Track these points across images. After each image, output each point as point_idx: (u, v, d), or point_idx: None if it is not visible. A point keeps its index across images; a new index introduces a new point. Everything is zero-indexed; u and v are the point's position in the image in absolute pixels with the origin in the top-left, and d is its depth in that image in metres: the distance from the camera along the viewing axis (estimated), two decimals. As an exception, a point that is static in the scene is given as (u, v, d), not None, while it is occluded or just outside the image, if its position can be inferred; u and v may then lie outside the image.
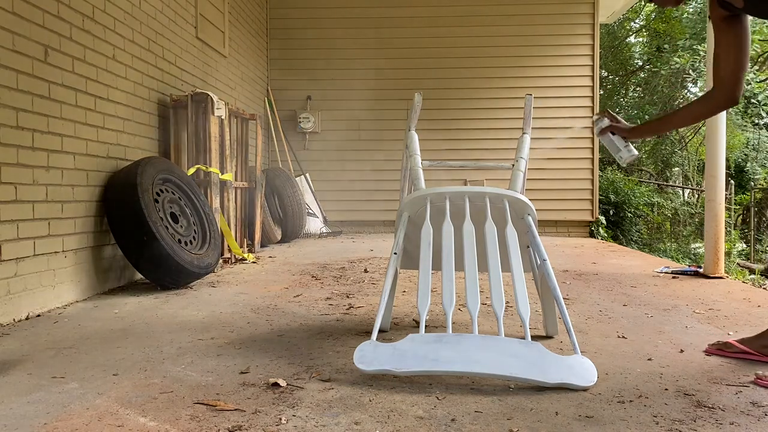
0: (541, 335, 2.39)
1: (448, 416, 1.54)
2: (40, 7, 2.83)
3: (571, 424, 1.49)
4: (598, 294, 3.33)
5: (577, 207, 7.38)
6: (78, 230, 3.15)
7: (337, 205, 7.40)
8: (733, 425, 1.50)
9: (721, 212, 4.02)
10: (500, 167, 2.70)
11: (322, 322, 2.61)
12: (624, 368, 1.95)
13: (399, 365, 1.77)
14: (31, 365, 1.99)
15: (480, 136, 7.36)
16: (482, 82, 7.35)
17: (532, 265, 2.35)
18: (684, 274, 4.10)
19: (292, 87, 7.46)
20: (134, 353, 2.13)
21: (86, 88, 3.22)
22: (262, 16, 7.22)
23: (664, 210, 11.37)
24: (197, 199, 3.81)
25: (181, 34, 4.56)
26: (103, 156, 3.40)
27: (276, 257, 4.94)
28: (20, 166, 2.70)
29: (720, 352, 2.10)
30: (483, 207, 2.15)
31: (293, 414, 1.56)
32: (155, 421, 1.51)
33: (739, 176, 12.69)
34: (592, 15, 7.35)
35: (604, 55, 13.26)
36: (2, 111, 2.58)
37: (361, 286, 3.56)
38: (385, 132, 7.35)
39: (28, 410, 1.60)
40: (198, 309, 2.89)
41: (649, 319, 2.69)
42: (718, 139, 3.94)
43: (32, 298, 2.77)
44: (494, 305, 1.89)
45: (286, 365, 1.97)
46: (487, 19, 7.37)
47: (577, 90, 7.36)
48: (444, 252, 2.03)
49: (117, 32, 3.55)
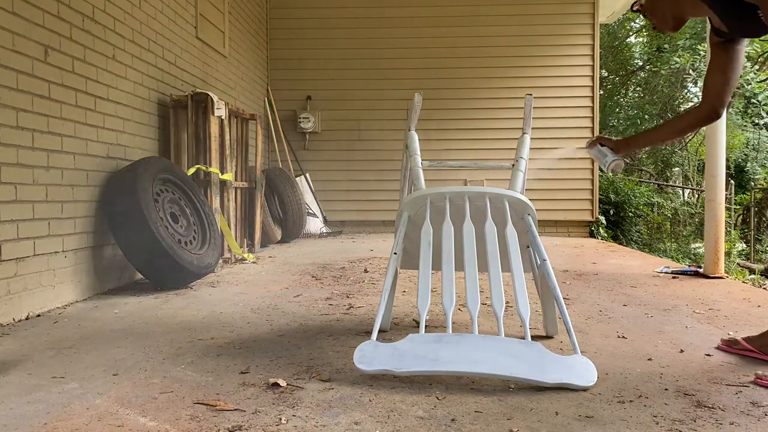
0: (541, 335, 2.39)
1: (448, 416, 1.54)
2: (40, 7, 2.83)
3: (571, 424, 1.49)
4: (598, 294, 3.33)
5: (577, 207, 7.38)
6: (78, 230, 3.15)
7: (337, 205, 7.40)
8: (733, 425, 1.50)
9: (721, 212, 4.02)
10: (500, 167, 2.70)
11: (322, 322, 2.61)
12: (624, 368, 1.95)
13: (399, 365, 1.77)
14: (31, 365, 1.99)
15: (480, 136, 7.36)
16: (482, 82, 7.35)
17: (532, 265, 2.35)
18: (684, 274, 4.10)
19: (292, 87, 7.46)
20: (134, 353, 2.13)
21: (86, 88, 3.22)
22: (262, 16, 7.22)
23: (664, 210, 11.37)
24: (197, 199, 3.81)
25: (181, 34, 4.56)
26: (103, 156, 3.40)
27: (276, 257, 4.94)
28: (20, 166, 2.70)
29: (727, 347, 2.16)
30: (483, 207, 2.15)
31: (293, 414, 1.56)
32: (155, 421, 1.51)
33: (739, 176, 12.69)
34: (592, 15, 7.35)
35: (604, 55, 13.26)
36: (2, 111, 2.58)
37: (361, 286, 3.56)
38: (385, 132, 7.35)
39: (28, 410, 1.60)
40: (198, 309, 2.89)
41: (649, 319, 2.69)
42: (718, 139, 3.94)
43: (32, 298, 2.77)
44: (494, 305, 1.89)
45: (286, 365, 1.97)
46: (487, 19, 7.38)
47: (577, 90, 7.36)
48: (444, 252, 2.03)
49: (117, 32, 3.55)
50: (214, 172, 4.26)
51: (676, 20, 2.04)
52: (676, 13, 2.03)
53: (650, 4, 2.06)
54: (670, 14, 2.04)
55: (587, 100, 7.36)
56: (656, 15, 2.07)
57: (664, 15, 2.05)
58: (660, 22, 2.08)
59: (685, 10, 2.00)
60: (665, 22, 2.06)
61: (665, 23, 2.06)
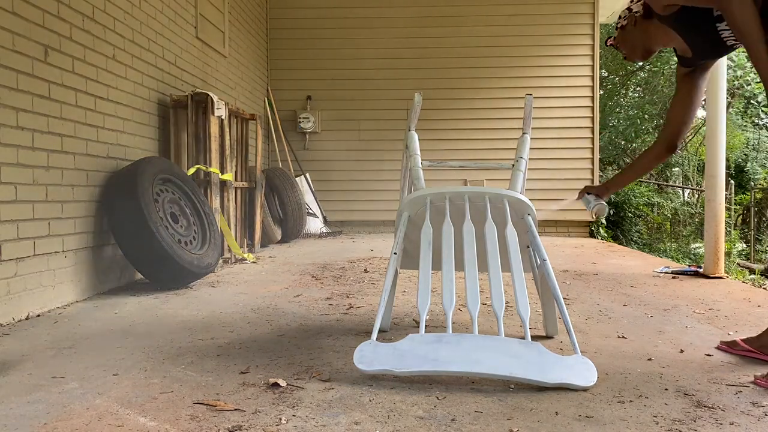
0: (541, 335, 2.39)
1: (448, 416, 1.54)
2: (40, 7, 2.83)
3: (571, 424, 1.49)
4: (598, 294, 3.33)
5: (577, 207, 7.37)
6: (78, 230, 3.15)
7: (337, 205, 7.40)
8: (733, 425, 1.50)
9: (721, 212, 4.02)
10: (500, 167, 2.70)
11: (322, 322, 2.61)
12: (624, 368, 1.95)
13: (399, 365, 1.77)
14: (31, 365, 1.99)
15: (480, 136, 7.36)
16: (482, 82, 7.35)
17: (532, 265, 2.35)
18: (684, 274, 4.10)
19: (292, 87, 7.46)
20: (134, 353, 2.13)
21: (86, 88, 3.22)
22: (262, 16, 7.22)
23: (664, 210, 11.37)
24: (197, 199, 3.81)
25: (181, 34, 4.56)
26: (103, 156, 3.40)
27: (276, 257, 4.94)
28: (20, 166, 2.70)
29: (727, 349, 2.16)
30: (483, 207, 2.15)
31: (293, 414, 1.56)
32: (155, 421, 1.51)
33: (739, 176, 12.69)
34: (592, 15, 7.35)
35: (604, 55, 13.25)
36: (2, 111, 2.58)
37: (361, 286, 3.56)
38: (385, 132, 7.35)
39: (28, 410, 1.60)
40: (198, 309, 2.89)
41: (649, 319, 2.69)
42: (718, 139, 3.94)
43: (32, 298, 2.77)
44: (494, 305, 1.89)
45: (286, 365, 1.97)
46: (487, 19, 7.38)
47: (577, 90, 7.36)
48: (444, 252, 2.02)
49: (117, 32, 3.55)
50: (214, 172, 4.26)
51: (645, 50, 2.23)
52: (645, 44, 2.21)
53: (621, 37, 2.25)
54: (639, 45, 2.22)
55: (587, 100, 7.36)
56: (626, 46, 2.25)
57: (634, 46, 2.23)
58: (630, 52, 2.27)
59: (654, 41, 2.17)
60: (635, 52, 2.26)
61: (635, 53, 2.26)
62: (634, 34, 2.21)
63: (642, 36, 2.20)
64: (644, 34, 2.19)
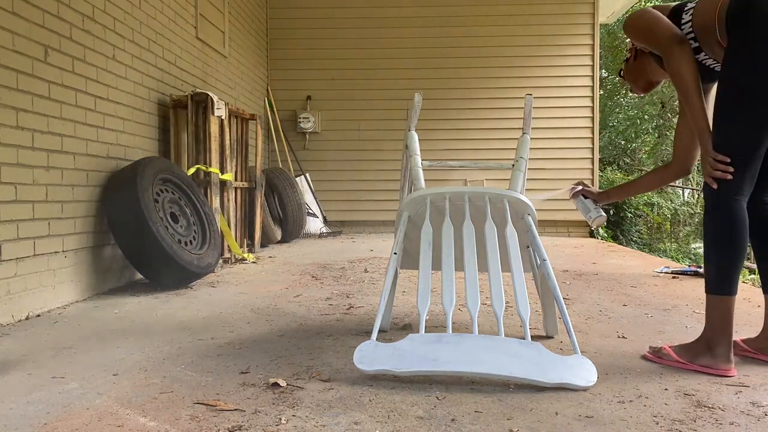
0: (541, 335, 2.39)
1: (448, 416, 1.54)
2: (40, 7, 2.83)
3: (571, 424, 1.49)
4: (598, 294, 3.33)
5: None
6: (78, 230, 3.15)
7: (337, 205, 7.40)
8: (733, 425, 1.50)
9: (721, 212, 4.01)
10: (500, 167, 2.70)
11: (322, 322, 2.61)
12: (624, 368, 1.95)
13: (399, 365, 1.77)
14: (31, 365, 1.99)
15: (480, 136, 7.36)
16: (482, 82, 7.35)
17: (532, 265, 2.35)
18: (684, 274, 4.10)
19: (292, 87, 7.46)
20: (134, 353, 2.13)
21: (86, 88, 3.22)
22: (262, 16, 7.22)
23: (664, 210, 11.37)
24: (197, 199, 3.81)
25: (180, 34, 4.56)
26: (103, 156, 3.40)
27: (276, 257, 4.94)
28: (20, 166, 2.70)
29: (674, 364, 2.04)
30: (483, 207, 2.15)
31: (293, 414, 1.56)
32: (155, 421, 1.51)
33: (739, 176, 12.63)
34: (592, 15, 7.35)
35: (604, 55, 13.26)
36: (2, 111, 2.58)
37: (361, 286, 3.56)
38: (385, 132, 7.35)
39: (28, 410, 1.60)
40: (198, 309, 2.89)
41: (649, 319, 2.69)
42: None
43: (32, 298, 2.77)
44: (494, 305, 1.89)
45: (286, 365, 1.97)
46: (487, 19, 7.37)
47: (577, 90, 7.35)
48: (444, 252, 2.03)
49: (117, 32, 3.55)
50: (214, 172, 4.26)
51: (646, 82, 2.31)
52: (645, 76, 2.30)
53: (626, 70, 2.34)
54: (641, 77, 2.31)
55: (587, 100, 7.36)
56: (630, 78, 2.34)
57: (636, 78, 2.32)
58: (633, 84, 2.36)
59: (653, 74, 2.27)
60: (637, 84, 2.33)
61: (637, 85, 2.34)
62: (635, 68, 2.30)
63: (641, 69, 2.29)
64: (643, 68, 2.27)
